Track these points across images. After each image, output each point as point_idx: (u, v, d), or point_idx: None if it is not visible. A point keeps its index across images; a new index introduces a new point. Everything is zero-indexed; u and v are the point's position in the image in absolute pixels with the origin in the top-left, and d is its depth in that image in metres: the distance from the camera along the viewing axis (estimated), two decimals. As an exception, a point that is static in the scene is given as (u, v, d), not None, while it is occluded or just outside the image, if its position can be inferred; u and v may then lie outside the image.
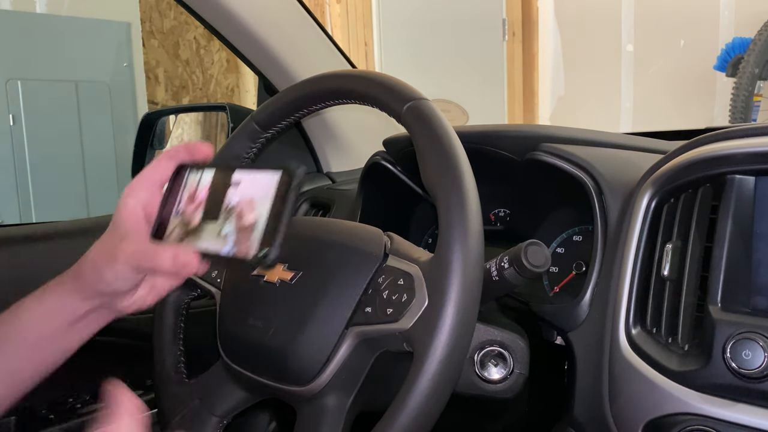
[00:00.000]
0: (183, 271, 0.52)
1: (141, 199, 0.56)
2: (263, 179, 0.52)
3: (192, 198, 0.56)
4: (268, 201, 0.51)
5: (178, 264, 0.52)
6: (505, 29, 3.81)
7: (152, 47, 3.14)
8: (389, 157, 0.90)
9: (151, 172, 0.57)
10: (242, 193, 0.53)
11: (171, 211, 0.56)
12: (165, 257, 0.52)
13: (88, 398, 0.95)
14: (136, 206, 0.56)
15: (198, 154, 0.57)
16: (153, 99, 3.16)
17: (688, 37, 3.40)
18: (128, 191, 0.56)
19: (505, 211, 0.90)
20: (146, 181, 0.57)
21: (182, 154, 0.57)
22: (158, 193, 0.57)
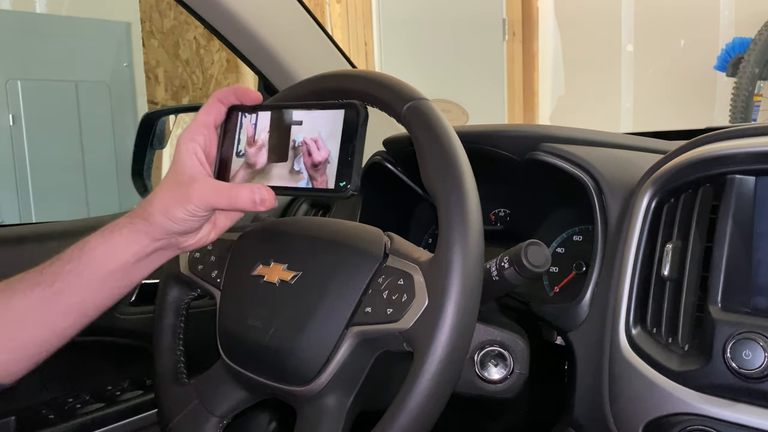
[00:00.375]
0: (260, 206, 0.55)
1: (200, 142, 0.59)
2: (327, 116, 0.55)
3: (252, 139, 0.58)
4: (337, 136, 0.54)
5: (256, 200, 0.55)
6: (505, 29, 3.81)
7: (152, 47, 3.14)
8: (389, 157, 0.90)
9: (204, 115, 0.60)
10: (307, 130, 0.55)
11: (230, 152, 0.59)
12: (243, 194, 0.55)
13: (88, 398, 0.95)
14: (197, 149, 0.59)
15: (247, 98, 0.59)
16: (153, 99, 3.16)
17: (688, 37, 3.40)
18: (186, 136, 0.59)
19: (505, 211, 0.90)
20: (201, 124, 0.59)
21: (232, 97, 0.60)
22: (214, 135, 0.60)
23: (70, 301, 0.58)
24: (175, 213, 0.56)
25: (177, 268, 0.69)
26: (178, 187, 0.57)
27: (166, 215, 0.56)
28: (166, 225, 0.57)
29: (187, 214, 0.56)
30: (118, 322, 0.95)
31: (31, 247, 0.93)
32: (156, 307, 0.72)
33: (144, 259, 0.59)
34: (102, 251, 0.58)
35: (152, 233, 0.58)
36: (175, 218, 0.56)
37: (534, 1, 3.79)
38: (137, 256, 0.58)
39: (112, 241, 0.58)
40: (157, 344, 0.71)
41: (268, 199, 0.55)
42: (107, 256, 0.58)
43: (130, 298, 0.97)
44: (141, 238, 0.58)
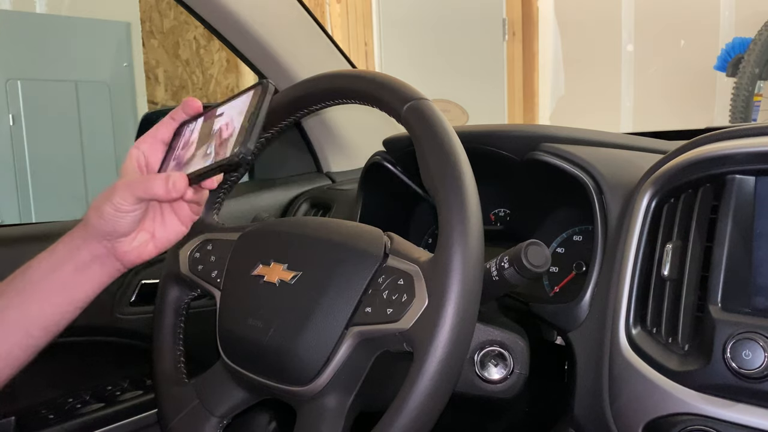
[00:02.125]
0: (173, 192, 0.57)
1: (144, 150, 0.62)
2: (240, 100, 0.58)
3: (186, 144, 0.61)
4: (242, 114, 0.57)
5: (169, 185, 0.56)
6: (505, 29, 3.81)
7: (152, 47, 3.14)
8: (389, 157, 0.90)
9: (154, 130, 0.63)
10: (224, 118, 0.59)
11: (169, 161, 0.62)
12: (157, 181, 0.57)
13: (88, 398, 0.95)
14: (139, 156, 0.62)
15: (190, 108, 0.63)
16: (153, 99, 3.16)
17: (688, 37, 3.40)
18: (134, 145, 0.63)
19: (505, 211, 0.90)
20: (149, 136, 0.63)
21: (180, 113, 0.63)
22: (160, 148, 0.63)
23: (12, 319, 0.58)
24: (103, 209, 0.57)
25: (177, 268, 0.69)
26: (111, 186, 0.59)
27: (97, 213, 0.58)
28: (98, 224, 0.58)
29: (113, 207, 0.57)
30: (118, 322, 0.95)
31: (31, 247, 0.92)
32: (156, 307, 0.72)
33: (83, 271, 0.59)
34: (44, 265, 0.59)
35: (88, 236, 0.59)
36: (104, 214, 0.57)
37: (534, 1, 3.79)
38: (76, 265, 0.59)
39: (54, 254, 0.60)
40: (157, 344, 0.71)
41: (179, 181, 0.57)
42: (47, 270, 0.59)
43: (130, 299, 0.97)
44: (78, 245, 0.59)
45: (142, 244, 0.61)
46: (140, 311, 0.97)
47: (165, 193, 0.57)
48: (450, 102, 2.11)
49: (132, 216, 0.58)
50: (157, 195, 0.57)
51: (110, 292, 0.93)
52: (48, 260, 0.59)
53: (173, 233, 0.63)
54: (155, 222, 0.62)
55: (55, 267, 0.59)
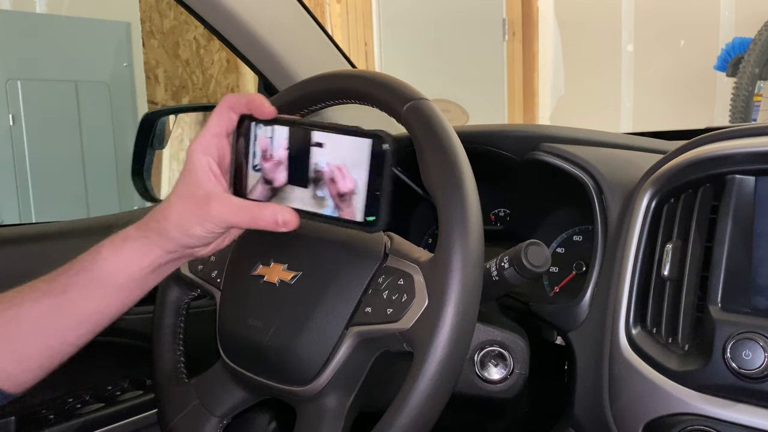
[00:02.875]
0: (283, 228, 0.54)
1: (214, 156, 0.57)
2: (351, 143, 0.53)
3: (268, 154, 0.56)
4: (363, 169, 0.52)
5: (279, 222, 0.54)
6: (505, 29, 3.81)
7: (152, 47, 3.14)
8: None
9: (215, 126, 0.57)
10: (330, 156, 0.54)
11: (245, 164, 0.57)
12: (266, 214, 0.54)
13: (88, 398, 0.95)
14: (211, 163, 0.57)
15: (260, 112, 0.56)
16: (153, 99, 3.16)
17: (688, 37, 3.40)
18: (199, 148, 0.56)
19: (505, 211, 0.90)
20: (212, 135, 0.57)
21: (243, 107, 0.57)
22: (227, 145, 0.58)
23: (83, 311, 0.57)
24: (192, 230, 0.55)
25: (177, 269, 0.69)
26: (195, 203, 0.55)
27: (183, 232, 0.55)
28: (183, 241, 0.56)
29: (206, 231, 0.55)
30: (118, 322, 0.94)
31: (31, 247, 0.93)
32: (156, 307, 0.72)
33: (159, 269, 0.59)
34: (114, 262, 0.57)
35: (167, 246, 0.57)
36: (193, 235, 0.55)
37: (534, 1, 3.79)
38: (152, 266, 0.58)
39: (125, 252, 0.57)
40: (157, 344, 0.71)
41: (291, 221, 0.54)
42: (120, 266, 0.57)
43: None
44: (155, 250, 0.57)
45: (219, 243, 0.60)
46: (140, 311, 0.97)
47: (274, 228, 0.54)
48: (450, 102, 2.11)
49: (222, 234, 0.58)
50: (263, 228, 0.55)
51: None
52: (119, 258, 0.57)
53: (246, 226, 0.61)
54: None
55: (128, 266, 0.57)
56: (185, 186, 0.57)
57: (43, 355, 0.58)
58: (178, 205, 0.56)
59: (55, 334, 0.57)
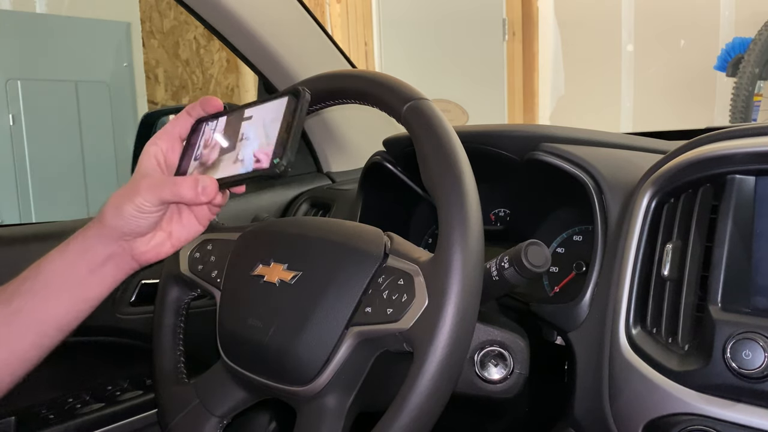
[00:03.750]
0: (202, 196, 0.56)
1: (162, 148, 0.61)
2: (272, 106, 0.57)
3: (208, 143, 0.60)
4: (278, 122, 0.56)
5: (198, 189, 0.55)
6: (505, 29, 3.81)
7: (152, 47, 3.14)
8: (389, 157, 0.90)
9: (171, 126, 0.62)
10: (254, 123, 0.58)
11: (190, 159, 0.61)
12: (186, 184, 0.56)
13: (88, 398, 0.95)
14: (158, 153, 0.60)
15: (210, 107, 0.61)
16: (153, 99, 3.16)
17: (688, 37, 3.40)
18: (150, 141, 0.61)
19: (505, 211, 0.90)
20: (167, 133, 0.62)
21: (198, 109, 0.62)
22: (178, 145, 0.62)
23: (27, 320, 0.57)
24: (124, 209, 0.56)
25: (177, 268, 0.69)
26: (131, 184, 0.57)
27: (116, 212, 0.56)
28: (116, 224, 0.57)
29: (135, 208, 0.56)
30: (118, 322, 0.95)
31: (31, 247, 0.93)
32: (156, 307, 0.72)
33: (98, 270, 0.58)
34: (57, 265, 0.58)
35: (104, 236, 0.57)
36: (124, 214, 0.56)
37: (534, 1, 3.79)
38: (90, 265, 0.58)
39: (67, 253, 0.58)
40: (157, 344, 0.71)
41: (209, 186, 0.56)
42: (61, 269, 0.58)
43: (130, 298, 0.97)
44: (93, 244, 0.57)
45: (159, 243, 0.60)
46: (140, 311, 0.97)
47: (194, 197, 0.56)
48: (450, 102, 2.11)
49: (153, 217, 0.57)
50: (184, 199, 0.56)
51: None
52: (60, 259, 0.58)
53: (190, 232, 0.63)
54: (173, 221, 0.61)
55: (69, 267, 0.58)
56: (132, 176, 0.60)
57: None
58: (118, 190, 0.58)
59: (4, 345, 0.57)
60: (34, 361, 0.59)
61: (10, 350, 0.57)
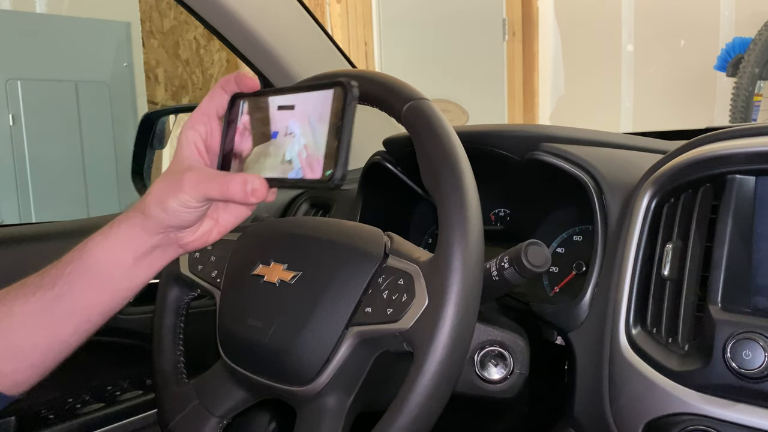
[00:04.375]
0: (252, 197, 0.53)
1: (201, 132, 0.57)
2: (317, 98, 0.52)
3: (250, 128, 0.56)
4: (325, 121, 0.51)
5: (248, 190, 0.52)
6: (505, 29, 3.81)
7: (152, 47, 3.14)
8: (389, 157, 0.90)
9: (207, 105, 0.58)
10: (299, 115, 0.53)
11: (232, 142, 0.57)
12: (235, 183, 0.52)
13: (88, 398, 0.95)
14: (197, 139, 0.57)
15: (245, 85, 0.57)
16: (153, 99, 3.16)
17: (688, 37, 3.40)
18: (188, 125, 0.57)
19: (505, 211, 0.90)
20: (204, 113, 0.57)
21: (233, 85, 0.57)
22: (217, 126, 0.58)
23: (72, 305, 0.56)
24: (168, 204, 0.54)
25: (177, 268, 0.69)
26: (173, 176, 0.55)
27: (160, 206, 0.54)
28: (161, 217, 0.54)
29: (180, 204, 0.53)
30: (118, 322, 0.95)
31: (31, 247, 0.93)
32: (156, 307, 0.72)
33: (144, 259, 0.57)
34: (101, 251, 0.56)
35: (149, 227, 0.55)
36: (169, 209, 0.54)
37: (534, 1, 3.79)
38: (136, 253, 0.56)
39: (111, 240, 0.56)
40: (157, 344, 0.71)
41: (259, 189, 0.52)
42: (106, 256, 0.56)
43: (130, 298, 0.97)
44: (138, 233, 0.56)
45: (206, 231, 0.59)
46: (140, 311, 0.97)
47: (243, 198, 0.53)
48: (450, 102, 2.11)
49: (199, 211, 0.55)
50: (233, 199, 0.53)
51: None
52: (104, 246, 0.56)
53: (238, 218, 0.60)
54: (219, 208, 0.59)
55: (114, 254, 0.56)
56: (172, 164, 0.56)
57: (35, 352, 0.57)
58: (159, 181, 0.56)
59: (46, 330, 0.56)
60: (75, 346, 0.58)
61: (54, 335, 0.57)
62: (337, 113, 0.50)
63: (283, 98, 0.55)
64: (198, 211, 0.55)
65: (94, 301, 0.57)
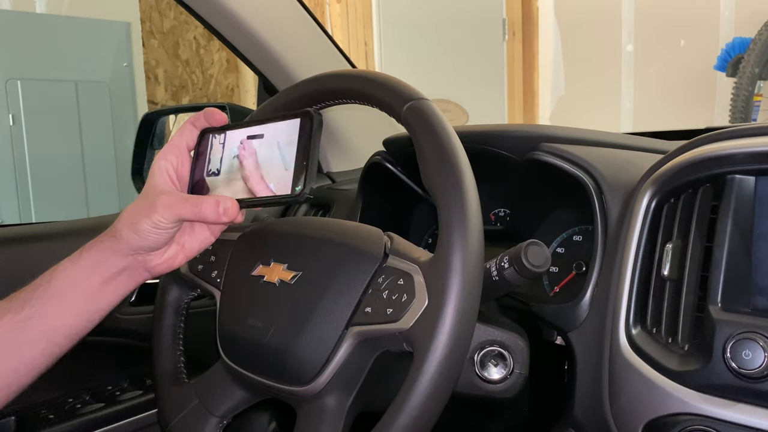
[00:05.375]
0: (224, 217, 0.56)
1: (172, 162, 0.61)
2: (285, 127, 0.58)
3: (220, 158, 0.61)
4: (293, 145, 0.57)
5: (219, 210, 0.56)
6: (505, 29, 3.81)
7: (152, 47, 3.14)
8: (389, 157, 0.90)
9: (178, 139, 0.62)
10: (268, 143, 0.59)
11: (202, 172, 0.62)
12: (207, 204, 0.56)
13: (88, 398, 0.95)
14: (169, 168, 0.61)
15: (213, 120, 0.62)
16: (153, 99, 3.16)
17: (688, 37, 3.40)
18: (160, 156, 0.61)
19: (505, 211, 0.90)
20: (175, 146, 0.62)
21: (202, 120, 0.62)
22: (187, 158, 0.63)
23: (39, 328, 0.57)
24: (140, 225, 0.56)
25: (177, 268, 0.69)
26: (146, 200, 0.58)
27: (132, 228, 0.57)
28: (132, 239, 0.57)
29: (152, 225, 0.56)
30: (118, 322, 0.95)
31: (31, 247, 0.93)
32: (156, 307, 0.72)
33: (111, 282, 0.59)
34: (70, 275, 0.58)
35: (119, 249, 0.58)
36: (141, 231, 0.56)
37: (534, 1, 3.79)
38: (103, 277, 0.58)
39: (80, 263, 0.58)
40: (157, 344, 0.71)
41: (231, 209, 0.57)
42: (74, 279, 0.58)
43: (130, 298, 0.97)
44: (108, 256, 0.58)
45: (173, 255, 0.61)
46: (140, 311, 0.97)
47: (216, 218, 0.56)
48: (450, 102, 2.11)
49: (169, 233, 0.58)
50: (206, 219, 0.57)
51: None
52: (73, 269, 0.58)
53: (203, 243, 0.63)
54: (185, 234, 0.62)
55: (82, 277, 0.58)
56: (144, 191, 0.60)
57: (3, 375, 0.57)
58: (132, 205, 0.59)
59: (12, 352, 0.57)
60: (41, 369, 0.59)
61: (20, 357, 0.58)
62: (305, 138, 0.56)
63: (252, 129, 0.60)
64: (168, 233, 0.58)
65: (61, 324, 0.58)
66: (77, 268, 0.58)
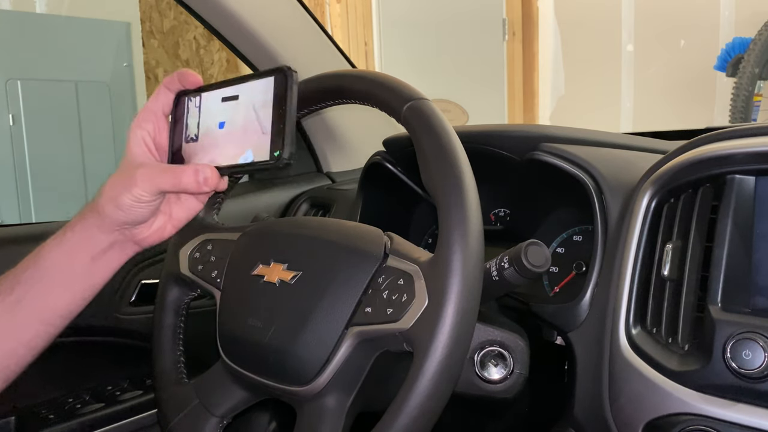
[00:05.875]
0: (204, 186, 0.55)
1: (149, 130, 0.59)
2: (259, 86, 0.55)
3: (197, 122, 0.59)
4: (269, 107, 0.54)
5: (200, 179, 0.54)
6: (505, 29, 3.81)
7: (152, 47, 3.14)
8: (389, 157, 0.90)
9: (153, 104, 0.60)
10: (243, 104, 0.56)
11: (181, 138, 0.59)
12: (187, 174, 0.54)
13: (88, 398, 0.95)
14: (146, 136, 0.59)
15: (188, 82, 0.59)
16: (153, 99, 3.16)
17: (688, 37, 3.40)
18: (135, 124, 0.59)
19: (505, 211, 0.90)
20: (149, 111, 0.60)
21: (176, 83, 0.60)
22: (164, 124, 0.60)
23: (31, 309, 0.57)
24: (121, 200, 0.55)
25: (177, 268, 0.69)
26: (125, 173, 0.56)
27: (114, 203, 0.55)
28: (115, 215, 0.56)
29: (133, 199, 0.55)
30: (118, 322, 0.95)
31: (31, 247, 0.92)
32: (156, 307, 0.72)
33: (101, 258, 0.58)
34: (57, 254, 0.57)
35: (104, 226, 0.56)
36: (123, 205, 0.55)
37: (534, 1, 3.78)
38: (93, 253, 0.57)
39: (66, 242, 0.57)
40: (157, 344, 0.71)
41: (211, 177, 0.55)
42: (63, 258, 0.57)
43: (130, 298, 0.97)
44: (94, 233, 0.57)
45: (161, 227, 0.60)
46: (140, 311, 0.97)
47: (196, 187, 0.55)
48: (450, 102, 2.11)
49: (152, 206, 0.56)
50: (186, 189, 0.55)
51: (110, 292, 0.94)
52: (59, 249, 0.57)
53: (190, 211, 0.62)
54: (171, 203, 0.60)
55: (70, 255, 0.57)
56: (123, 162, 0.58)
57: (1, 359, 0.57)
58: (111, 179, 0.57)
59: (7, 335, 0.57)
60: (40, 349, 0.59)
61: (16, 339, 0.57)
62: (280, 98, 0.54)
63: (226, 90, 0.58)
64: (151, 206, 0.56)
65: (53, 304, 0.58)
66: (64, 248, 0.57)
